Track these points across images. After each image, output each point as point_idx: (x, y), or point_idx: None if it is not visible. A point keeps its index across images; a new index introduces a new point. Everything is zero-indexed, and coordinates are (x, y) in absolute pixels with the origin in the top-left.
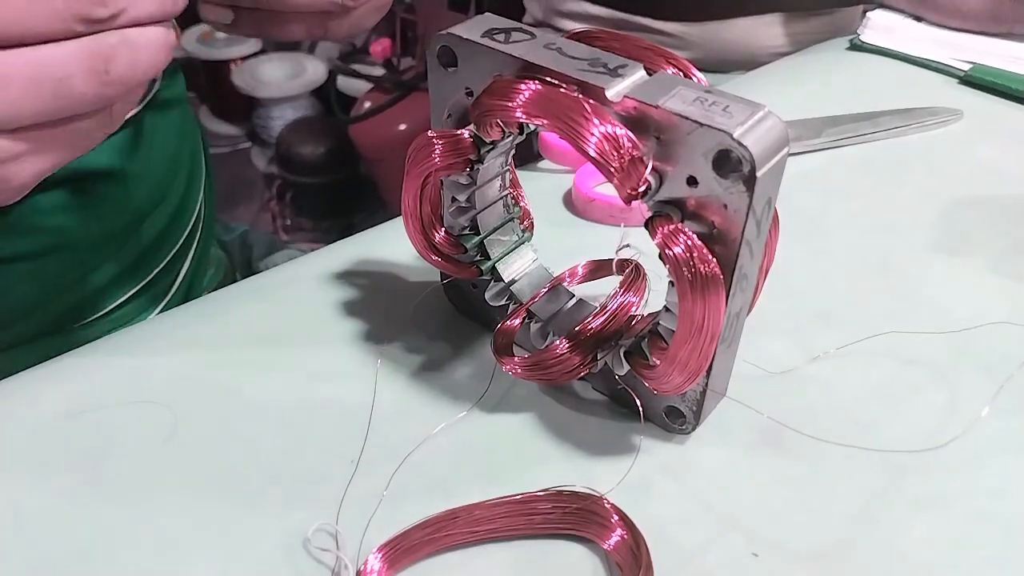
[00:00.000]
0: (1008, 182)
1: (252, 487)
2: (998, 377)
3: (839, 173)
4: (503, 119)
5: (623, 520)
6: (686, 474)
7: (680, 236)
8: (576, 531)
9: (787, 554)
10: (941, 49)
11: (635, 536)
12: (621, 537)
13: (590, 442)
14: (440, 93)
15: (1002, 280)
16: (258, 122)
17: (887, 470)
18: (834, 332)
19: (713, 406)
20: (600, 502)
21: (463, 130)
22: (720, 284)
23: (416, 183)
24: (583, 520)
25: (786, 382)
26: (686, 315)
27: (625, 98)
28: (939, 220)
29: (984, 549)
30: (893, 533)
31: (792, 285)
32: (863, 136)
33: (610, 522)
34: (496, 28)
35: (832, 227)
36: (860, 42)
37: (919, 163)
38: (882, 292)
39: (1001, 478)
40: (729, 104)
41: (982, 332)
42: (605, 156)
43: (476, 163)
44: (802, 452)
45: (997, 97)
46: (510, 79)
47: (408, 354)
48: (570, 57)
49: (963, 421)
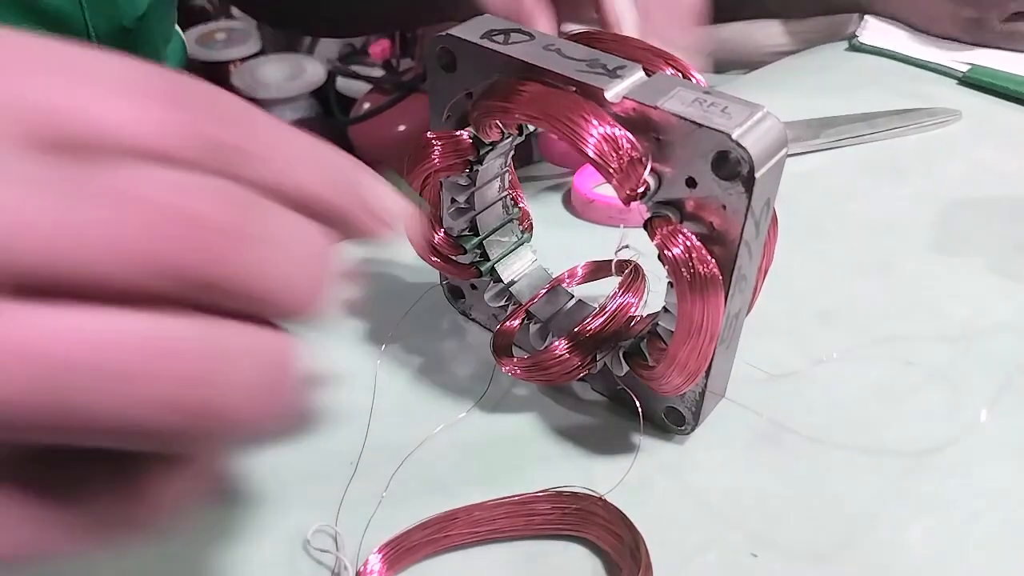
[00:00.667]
0: (1007, 183)
1: (251, 488)
2: (998, 378)
3: (837, 174)
4: (502, 120)
5: (623, 520)
6: (686, 475)
7: (679, 237)
8: (576, 532)
9: (787, 555)
10: (939, 50)
11: (635, 536)
12: (621, 538)
13: (590, 443)
14: (439, 94)
15: (1002, 281)
16: None
17: (887, 471)
18: (833, 333)
19: (712, 407)
20: (600, 502)
21: (462, 131)
22: (719, 285)
23: (415, 184)
24: (583, 520)
25: (785, 383)
26: (685, 316)
27: (624, 99)
28: (938, 221)
29: (984, 550)
30: (893, 534)
31: (791, 286)
32: (861, 137)
33: (610, 523)
34: (495, 29)
35: (831, 228)
36: (859, 43)
37: (918, 164)
38: (881, 293)
39: (1001, 479)
40: (728, 105)
41: (982, 333)
42: (604, 157)
43: (475, 164)
44: (802, 453)
45: (996, 98)
46: (509, 80)
47: (408, 354)
48: (569, 58)
49: (963, 422)
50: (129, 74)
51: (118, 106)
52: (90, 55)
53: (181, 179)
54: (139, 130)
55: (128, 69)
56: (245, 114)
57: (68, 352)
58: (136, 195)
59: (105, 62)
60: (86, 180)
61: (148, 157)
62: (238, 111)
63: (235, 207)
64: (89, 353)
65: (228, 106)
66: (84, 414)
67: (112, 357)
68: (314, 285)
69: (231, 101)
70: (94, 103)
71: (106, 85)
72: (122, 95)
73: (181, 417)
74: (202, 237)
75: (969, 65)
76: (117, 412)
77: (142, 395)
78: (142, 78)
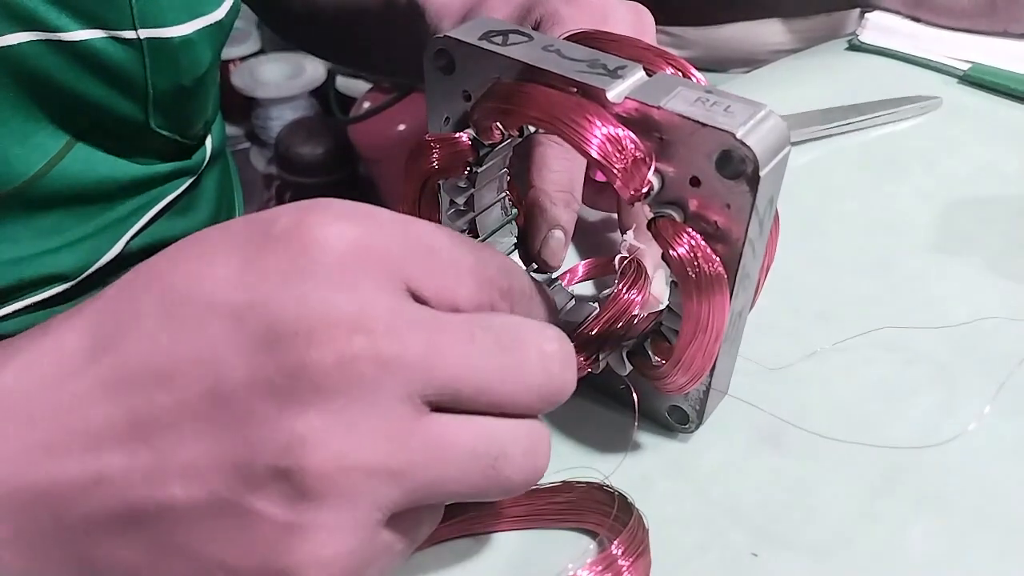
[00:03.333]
0: (1007, 181)
1: None
2: (997, 375)
3: (836, 171)
4: (504, 122)
5: (625, 508)
6: (687, 472)
7: (684, 236)
8: (579, 522)
9: (788, 551)
10: (940, 48)
11: (637, 523)
12: (623, 526)
13: (591, 441)
14: (437, 97)
15: (1001, 280)
16: (257, 123)
17: (888, 467)
18: (833, 330)
19: (715, 405)
20: (603, 490)
21: (461, 133)
22: (724, 284)
23: (414, 187)
24: (586, 510)
25: (787, 380)
26: (690, 315)
27: (626, 99)
28: (938, 219)
29: (984, 546)
30: (893, 532)
31: (791, 283)
32: (850, 124)
33: (613, 511)
34: (494, 30)
35: (831, 226)
36: (859, 42)
37: (919, 162)
38: (881, 291)
39: (1000, 476)
40: (731, 104)
41: (981, 330)
42: (608, 157)
43: (474, 167)
44: (803, 449)
45: (996, 96)
46: (510, 82)
47: None
48: (569, 59)
49: (963, 419)
50: (466, 260)
51: (466, 284)
52: (445, 242)
53: (554, 333)
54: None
55: (466, 256)
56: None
57: (474, 445)
58: (540, 350)
59: (454, 249)
60: (500, 331)
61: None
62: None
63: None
64: (484, 445)
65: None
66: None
67: (490, 450)
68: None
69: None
70: (452, 283)
71: (459, 269)
72: (467, 276)
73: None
74: (571, 376)
75: (970, 63)
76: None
77: (505, 472)
78: (475, 263)
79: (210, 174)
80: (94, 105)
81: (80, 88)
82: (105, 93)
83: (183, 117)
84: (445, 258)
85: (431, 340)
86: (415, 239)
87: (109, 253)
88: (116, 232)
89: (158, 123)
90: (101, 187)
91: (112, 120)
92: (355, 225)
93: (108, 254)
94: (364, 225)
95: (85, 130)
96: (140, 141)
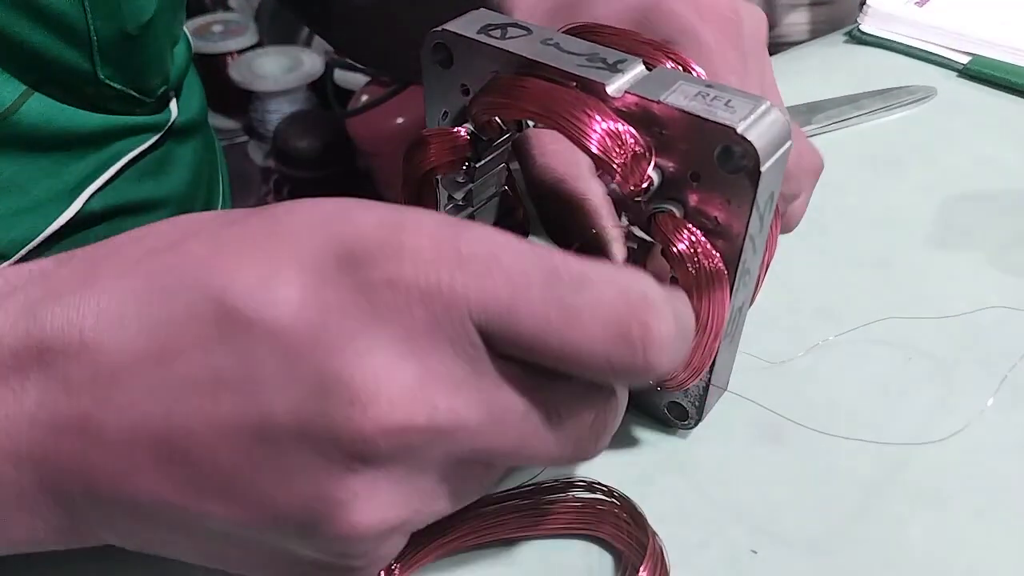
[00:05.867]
0: (1007, 175)
1: None
2: (998, 371)
3: (835, 165)
4: (502, 116)
5: (631, 513)
6: (687, 469)
7: (683, 232)
8: (585, 529)
9: (788, 548)
10: (940, 39)
11: (644, 528)
12: (630, 532)
13: None
14: (435, 91)
15: (1002, 274)
16: (255, 116)
17: (888, 463)
18: (833, 325)
19: (715, 401)
20: (613, 497)
21: (459, 128)
22: (724, 279)
23: (412, 182)
24: (592, 516)
25: (786, 375)
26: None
27: (626, 94)
28: (938, 214)
29: (984, 543)
30: (893, 528)
31: (791, 278)
32: (848, 120)
33: (619, 517)
34: (492, 24)
35: (831, 221)
36: (859, 32)
37: (918, 157)
38: (881, 286)
39: (1001, 473)
40: (731, 98)
41: (982, 325)
42: (608, 152)
43: (473, 161)
44: (802, 445)
45: (997, 89)
46: (509, 76)
47: None
48: (568, 52)
49: (964, 414)
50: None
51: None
52: (507, 248)
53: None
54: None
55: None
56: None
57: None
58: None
59: (504, 254)
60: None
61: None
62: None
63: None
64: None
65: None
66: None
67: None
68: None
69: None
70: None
71: (504, 274)
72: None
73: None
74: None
75: (970, 56)
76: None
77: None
78: (517, 264)
79: (186, 144)
80: (41, 54)
81: (24, 35)
82: (50, 40)
83: (133, 68)
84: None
85: (491, 411)
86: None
87: (68, 212)
88: (77, 190)
89: (107, 74)
90: (60, 137)
91: (61, 69)
92: (440, 277)
93: (66, 213)
94: (447, 274)
95: (40, 80)
96: (93, 93)
